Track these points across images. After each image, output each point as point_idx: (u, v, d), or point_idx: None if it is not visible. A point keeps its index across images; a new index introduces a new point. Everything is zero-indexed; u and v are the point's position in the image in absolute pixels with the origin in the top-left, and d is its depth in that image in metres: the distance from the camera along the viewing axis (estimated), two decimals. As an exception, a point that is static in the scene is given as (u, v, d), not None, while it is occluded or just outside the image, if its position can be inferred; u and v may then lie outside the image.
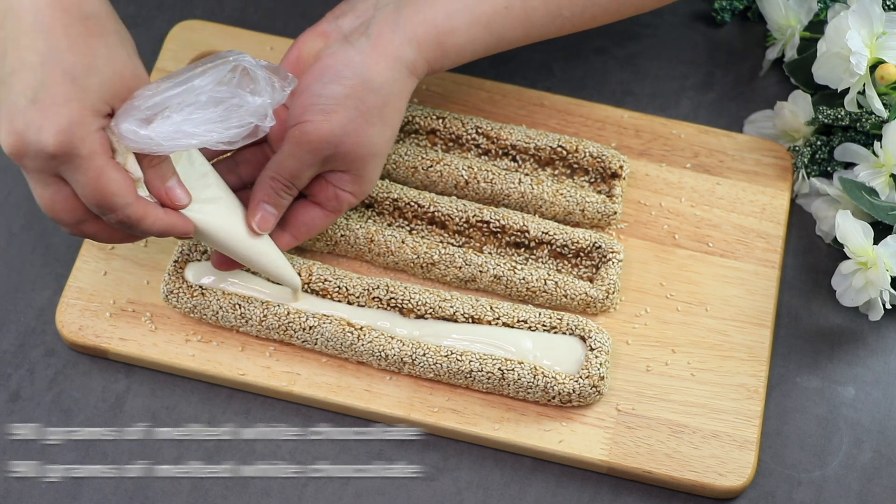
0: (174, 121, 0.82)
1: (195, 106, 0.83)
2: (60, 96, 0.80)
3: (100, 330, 0.97)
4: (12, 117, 0.80)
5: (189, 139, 0.83)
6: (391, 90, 0.90)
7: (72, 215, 0.85)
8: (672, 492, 0.94)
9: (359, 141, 0.90)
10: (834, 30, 1.00)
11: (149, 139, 0.82)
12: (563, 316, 0.96)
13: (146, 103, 0.82)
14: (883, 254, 0.96)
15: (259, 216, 0.91)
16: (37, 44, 0.80)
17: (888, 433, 0.97)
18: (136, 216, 0.84)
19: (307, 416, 0.96)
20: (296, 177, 0.91)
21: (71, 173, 0.82)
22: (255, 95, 0.83)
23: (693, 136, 1.06)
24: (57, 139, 0.80)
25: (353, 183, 0.92)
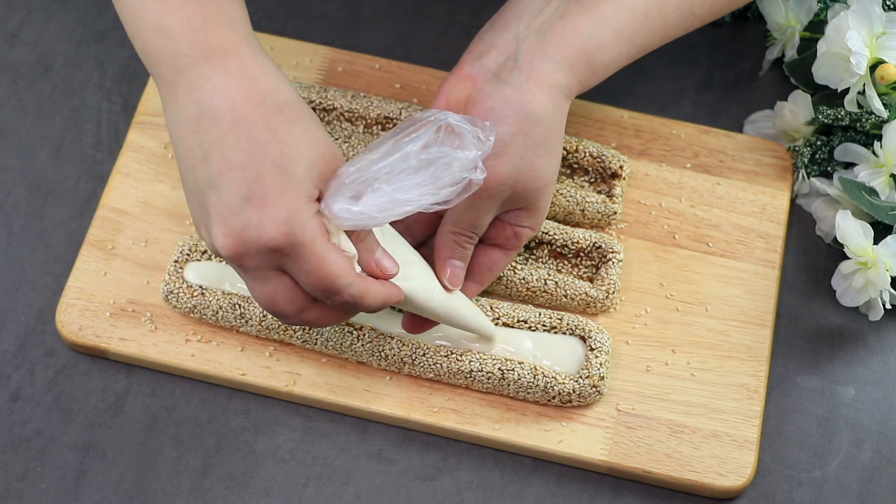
0: (385, 191, 0.81)
1: (405, 173, 0.81)
2: (274, 189, 0.79)
3: (100, 330, 0.97)
4: (227, 219, 0.79)
5: (403, 206, 0.81)
6: (553, 118, 0.89)
7: (294, 305, 0.83)
8: (672, 492, 0.94)
9: (532, 175, 0.88)
10: (834, 30, 1.00)
11: (362, 214, 0.81)
12: (563, 316, 0.96)
13: (354, 179, 0.81)
14: (883, 254, 0.96)
15: (449, 272, 0.91)
16: (240, 141, 0.79)
17: (888, 433, 0.97)
18: (360, 293, 0.83)
19: (307, 416, 0.96)
20: (477, 226, 0.90)
21: (293, 264, 0.81)
22: (465, 150, 0.81)
23: (693, 136, 1.06)
24: (279, 232, 0.79)
25: (530, 217, 0.91)
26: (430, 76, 1.07)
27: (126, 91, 1.09)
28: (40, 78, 1.10)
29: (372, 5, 1.13)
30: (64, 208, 1.04)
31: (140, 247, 1.00)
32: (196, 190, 0.81)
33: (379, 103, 1.03)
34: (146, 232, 1.01)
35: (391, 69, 1.08)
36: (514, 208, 0.91)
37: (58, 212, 1.04)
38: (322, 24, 1.12)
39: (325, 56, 1.08)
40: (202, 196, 0.81)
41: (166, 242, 1.00)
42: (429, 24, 1.12)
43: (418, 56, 1.11)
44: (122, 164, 1.03)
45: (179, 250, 0.98)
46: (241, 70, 0.80)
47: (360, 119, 1.04)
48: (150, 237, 1.01)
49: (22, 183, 1.05)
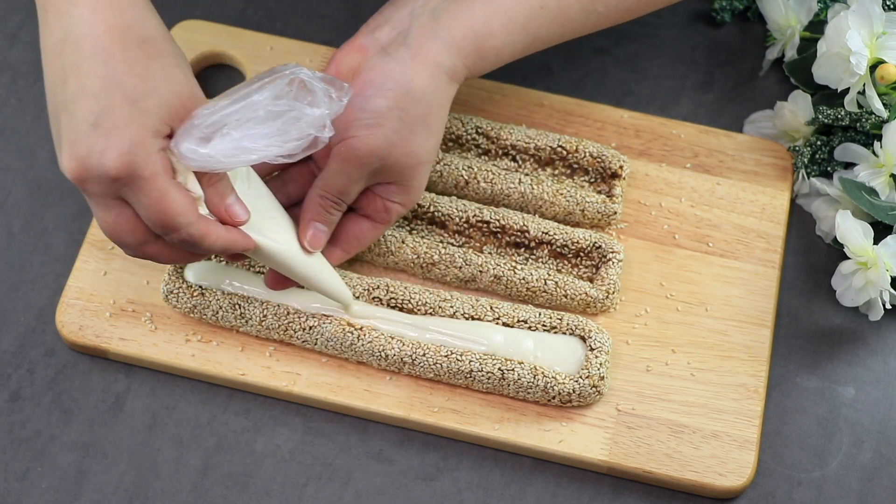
0: (233, 137, 0.82)
1: (254, 121, 0.82)
2: (121, 119, 0.80)
3: (100, 330, 0.97)
4: (74, 143, 0.81)
5: (249, 154, 0.83)
6: (433, 98, 0.90)
7: (134, 237, 0.85)
8: (672, 492, 0.94)
9: (405, 152, 0.90)
10: (834, 30, 1.00)
11: (209, 157, 0.82)
12: (563, 316, 0.96)
13: (205, 122, 0.82)
14: (883, 254, 0.96)
15: (310, 234, 0.92)
16: (97, 69, 0.80)
17: (888, 433, 0.97)
18: (199, 234, 0.84)
19: (307, 416, 0.96)
20: (344, 193, 0.91)
21: (133, 195, 0.82)
22: (314, 107, 0.83)
23: (693, 136, 1.06)
24: (119, 161, 0.80)
25: (401, 193, 0.93)
26: (430, 76, 1.07)
27: (126, 91, 1.08)
28: (40, 78, 1.09)
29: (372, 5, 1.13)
30: (64, 208, 1.04)
31: (140, 247, 1.00)
32: (54, 112, 0.83)
33: (379, 103, 1.04)
34: (146, 232, 1.01)
35: (391, 69, 1.08)
36: (385, 182, 0.92)
37: (58, 212, 1.04)
38: (322, 24, 1.12)
39: (325, 56, 1.08)
40: (57, 119, 0.82)
41: (166, 242, 1.00)
42: (429, 24, 1.12)
43: (418, 56, 1.11)
44: (122, 164, 1.03)
45: (179, 250, 0.98)
46: (109, 0, 0.81)
47: (360, 119, 1.04)
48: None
49: (22, 183, 1.05)
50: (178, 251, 0.87)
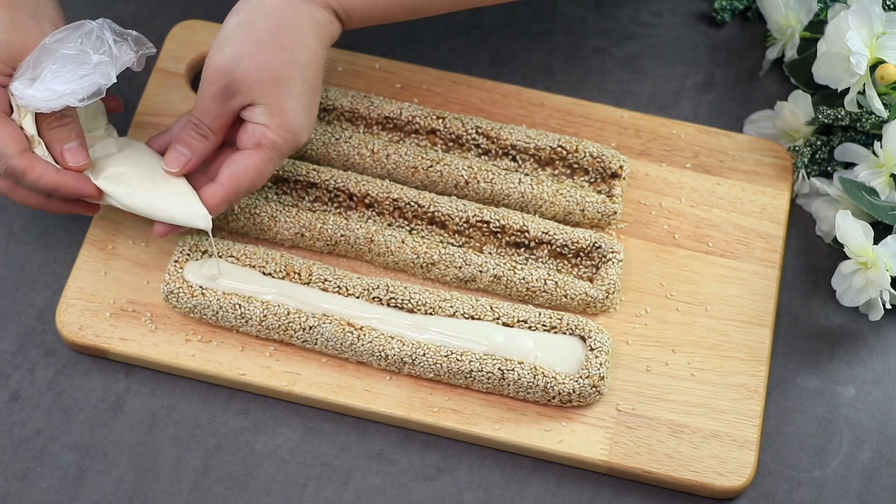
0: (47, 80, 0.89)
1: (58, 64, 0.90)
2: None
3: (100, 330, 0.97)
4: None
5: (60, 98, 0.89)
6: (285, 13, 0.91)
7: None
8: (672, 492, 0.94)
9: (252, 65, 0.91)
10: (834, 30, 1.00)
11: (32, 97, 0.90)
12: (563, 316, 0.96)
13: (29, 62, 0.90)
14: (883, 254, 0.96)
15: (169, 155, 0.94)
16: None
17: (888, 433, 0.97)
18: (20, 168, 0.90)
19: (307, 416, 0.96)
20: (203, 112, 0.93)
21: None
22: (97, 54, 0.90)
23: (693, 136, 1.06)
24: None
25: (267, 115, 0.92)
26: (430, 76, 1.07)
27: (126, 91, 1.08)
28: (40, 78, 1.09)
29: (372, 5, 1.13)
30: (64, 208, 1.04)
31: (140, 247, 1.00)
32: None
33: (379, 103, 1.04)
34: (146, 232, 1.01)
35: (391, 69, 1.08)
36: (248, 104, 0.93)
37: (58, 212, 1.04)
38: (322, 24, 1.12)
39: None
40: None
41: (166, 242, 1.00)
42: (429, 24, 1.12)
43: (418, 56, 1.11)
44: (122, 164, 1.03)
45: (179, 250, 0.98)
46: None
47: (360, 119, 1.04)
48: (150, 237, 1.01)
49: (22, 183, 1.05)
50: (33, 195, 0.93)
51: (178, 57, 1.07)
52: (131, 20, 1.12)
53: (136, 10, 1.12)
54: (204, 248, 0.98)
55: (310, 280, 0.97)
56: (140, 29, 1.11)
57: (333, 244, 1.00)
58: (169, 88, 1.06)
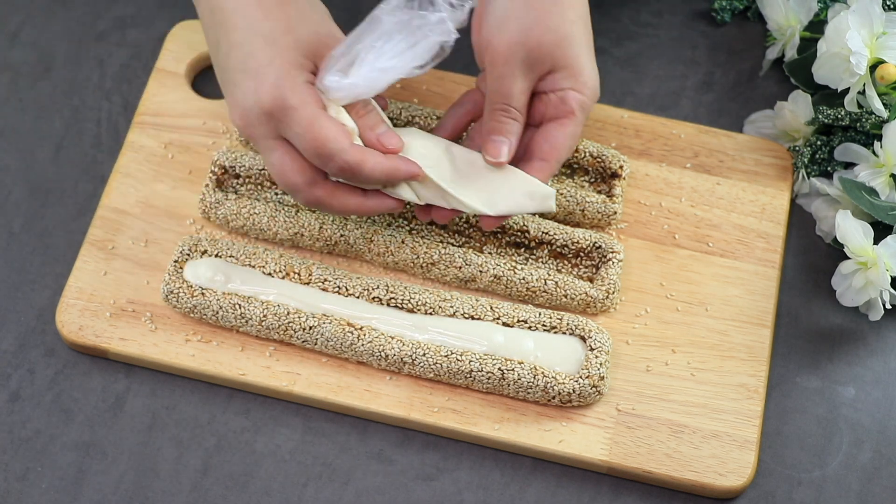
0: (369, 61, 0.87)
1: (382, 40, 0.87)
2: (264, 58, 0.87)
3: (100, 330, 0.97)
4: (233, 94, 0.89)
5: (387, 75, 0.87)
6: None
7: (302, 175, 0.89)
8: (672, 492, 0.94)
9: (543, 30, 0.89)
10: (834, 30, 1.00)
11: (352, 85, 0.88)
12: (563, 316, 0.96)
13: (340, 53, 0.87)
14: (883, 254, 0.96)
15: (489, 147, 0.91)
16: (237, 23, 0.88)
17: (888, 433, 0.97)
18: (355, 160, 0.87)
19: (307, 416, 0.96)
20: (507, 95, 0.91)
21: (287, 128, 0.87)
22: (434, 13, 0.86)
23: (693, 136, 1.06)
24: (270, 95, 0.86)
25: (568, 78, 0.91)
26: (430, 76, 1.07)
27: (126, 91, 1.09)
28: (40, 78, 1.10)
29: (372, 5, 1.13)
30: (64, 208, 1.04)
31: (140, 247, 1.00)
32: (220, 79, 0.90)
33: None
34: (146, 232, 1.01)
35: (391, 69, 1.08)
36: (546, 73, 0.91)
37: (58, 212, 1.04)
38: (322, 24, 1.12)
39: (325, 56, 1.08)
40: (222, 82, 0.90)
41: (166, 242, 1.00)
42: (429, 24, 1.12)
43: (418, 56, 1.10)
44: (122, 164, 1.04)
45: (179, 250, 0.98)
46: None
47: (360, 119, 1.04)
48: (149, 237, 1.01)
49: (22, 183, 1.05)
50: (347, 192, 0.90)
51: (178, 57, 1.07)
52: (131, 20, 1.12)
53: (136, 10, 1.12)
54: (203, 248, 0.98)
55: (310, 280, 0.97)
56: (140, 29, 1.11)
57: (333, 244, 1.00)
58: (169, 88, 1.06)
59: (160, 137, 1.04)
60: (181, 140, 1.04)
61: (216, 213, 1.00)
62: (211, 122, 1.05)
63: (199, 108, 1.06)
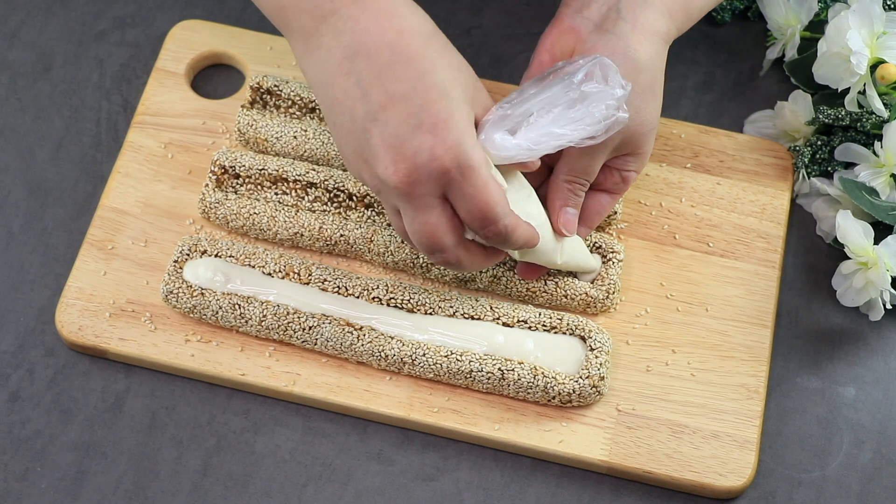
0: (542, 124, 0.86)
1: (562, 106, 0.85)
2: (442, 112, 0.82)
3: (99, 330, 0.97)
4: (398, 148, 0.83)
5: (558, 140, 0.86)
6: (656, 65, 0.91)
7: (452, 236, 0.86)
8: (672, 492, 0.94)
9: (639, 122, 0.91)
10: (834, 29, 0.99)
11: (518, 147, 0.85)
12: (563, 316, 0.96)
13: (514, 111, 0.85)
14: (883, 254, 0.96)
15: (563, 219, 0.93)
16: (401, 73, 0.83)
17: (889, 433, 0.97)
18: (513, 226, 0.86)
19: (307, 416, 0.96)
20: (589, 173, 0.92)
21: (459, 189, 0.84)
22: (613, 88, 0.86)
23: (693, 135, 1.06)
24: (452, 153, 0.82)
25: (636, 161, 0.94)
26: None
27: (126, 91, 1.09)
28: (40, 78, 1.10)
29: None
30: (64, 208, 1.04)
31: (140, 247, 1.00)
32: (354, 128, 0.84)
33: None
34: (146, 232, 1.01)
35: (391, 69, 1.07)
36: (621, 154, 0.93)
37: (58, 212, 1.04)
38: (322, 24, 1.12)
39: (325, 56, 1.08)
40: (363, 133, 0.84)
41: (166, 242, 1.00)
42: (429, 23, 1.12)
43: (418, 56, 1.10)
44: (121, 163, 1.03)
45: (179, 250, 0.98)
46: (389, 7, 0.83)
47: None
48: (149, 237, 1.01)
49: (22, 183, 1.05)
50: (483, 253, 0.89)
51: (178, 57, 1.07)
52: (131, 20, 1.12)
53: (136, 10, 1.12)
54: (203, 247, 0.98)
55: (309, 280, 0.97)
56: (140, 29, 1.11)
57: (333, 244, 1.00)
58: (168, 88, 1.06)
59: (160, 137, 1.04)
60: (181, 140, 1.04)
61: (216, 213, 1.00)
62: (211, 122, 1.05)
63: (198, 107, 1.06)
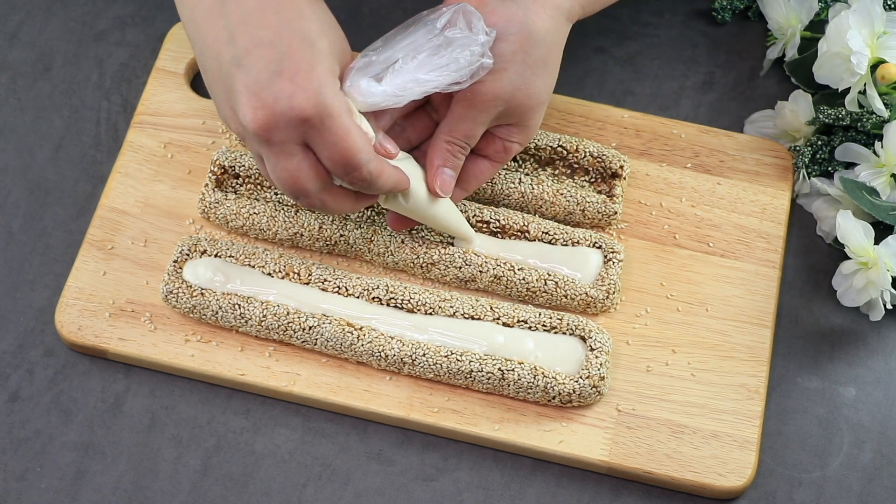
0: (408, 70, 0.87)
1: (427, 53, 0.86)
2: (304, 62, 0.84)
3: (99, 330, 0.97)
4: (258, 93, 0.84)
5: (423, 86, 0.87)
6: (553, 39, 0.91)
7: (316, 182, 0.87)
8: (672, 492, 0.94)
9: (527, 93, 0.91)
10: (835, 29, 0.99)
11: (384, 93, 0.87)
12: (563, 316, 0.96)
13: (378, 58, 0.87)
14: (883, 254, 0.96)
15: (440, 179, 0.93)
16: (268, 19, 0.84)
17: (889, 433, 0.97)
18: (377, 171, 0.87)
19: (307, 416, 0.96)
20: (470, 136, 0.92)
21: (319, 136, 0.85)
22: (478, 35, 0.87)
23: (693, 135, 1.06)
24: (311, 102, 0.83)
25: (520, 133, 0.94)
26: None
27: (125, 91, 1.09)
28: (40, 78, 1.09)
29: (372, 5, 1.13)
30: (63, 208, 1.04)
31: (139, 247, 1.00)
32: (220, 73, 0.85)
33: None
34: (146, 232, 1.01)
35: (391, 69, 1.08)
36: (505, 123, 0.93)
37: (57, 212, 1.04)
38: (322, 24, 1.12)
39: (325, 56, 1.08)
40: (227, 78, 0.85)
41: (166, 242, 1.00)
42: (429, 23, 1.12)
43: (418, 56, 1.10)
44: (121, 163, 1.03)
45: (179, 250, 0.98)
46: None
47: (359, 119, 1.04)
48: (149, 237, 1.01)
49: (21, 183, 1.05)
50: (351, 198, 0.90)
51: (178, 57, 1.07)
52: (131, 20, 1.12)
53: (136, 10, 1.12)
54: (203, 248, 0.98)
55: (309, 280, 0.97)
56: (140, 29, 1.11)
57: (333, 244, 1.00)
58: (168, 88, 1.06)
59: (159, 137, 1.04)
60: (180, 140, 1.04)
61: (216, 213, 1.00)
62: (210, 122, 1.05)
63: (198, 107, 1.06)
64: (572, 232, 0.99)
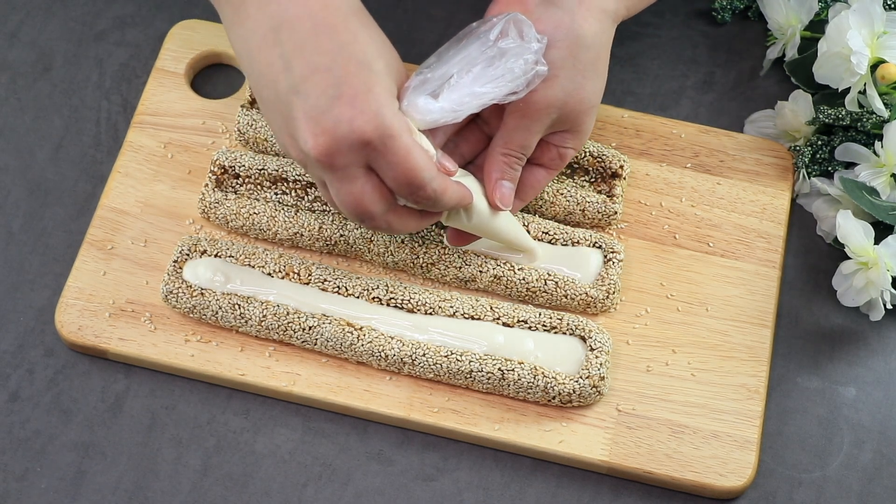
0: (464, 84, 0.86)
1: (481, 66, 0.86)
2: (362, 85, 0.83)
3: (99, 330, 0.97)
4: (318, 120, 0.83)
5: (479, 99, 0.87)
6: (600, 42, 0.91)
7: (381, 204, 0.87)
8: (672, 492, 0.94)
9: (579, 99, 0.91)
10: (835, 29, 0.99)
11: (442, 109, 0.86)
12: (563, 316, 0.96)
13: (433, 75, 0.86)
14: (884, 254, 0.96)
15: (499, 192, 0.93)
16: (324, 45, 0.84)
17: (889, 433, 0.97)
18: (441, 189, 0.87)
19: (307, 416, 0.96)
20: (526, 147, 0.92)
21: (381, 157, 0.84)
22: (530, 43, 0.86)
23: (693, 135, 1.06)
24: (371, 125, 0.83)
25: (574, 139, 0.94)
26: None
27: (125, 91, 1.09)
28: (40, 78, 1.09)
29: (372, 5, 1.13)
30: (63, 208, 1.04)
31: (139, 247, 1.00)
32: (278, 101, 0.85)
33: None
34: (145, 232, 1.01)
35: (391, 69, 1.07)
36: (559, 130, 0.93)
37: (57, 212, 1.04)
38: (322, 24, 1.12)
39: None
40: (285, 106, 0.84)
41: (166, 242, 1.00)
42: (429, 24, 1.12)
43: (419, 56, 1.10)
44: (121, 163, 1.03)
45: (179, 250, 0.98)
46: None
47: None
48: (149, 237, 1.01)
49: (21, 183, 1.05)
50: (416, 216, 0.90)
51: (178, 56, 1.07)
52: (131, 20, 1.12)
53: (136, 10, 1.12)
54: (203, 248, 0.98)
55: (309, 280, 0.97)
56: (140, 29, 1.11)
57: (333, 244, 1.00)
58: (168, 88, 1.06)
59: (159, 137, 1.04)
60: (180, 140, 1.04)
61: (216, 213, 1.00)
62: (210, 122, 1.05)
63: (198, 107, 1.06)
64: (572, 232, 0.99)
